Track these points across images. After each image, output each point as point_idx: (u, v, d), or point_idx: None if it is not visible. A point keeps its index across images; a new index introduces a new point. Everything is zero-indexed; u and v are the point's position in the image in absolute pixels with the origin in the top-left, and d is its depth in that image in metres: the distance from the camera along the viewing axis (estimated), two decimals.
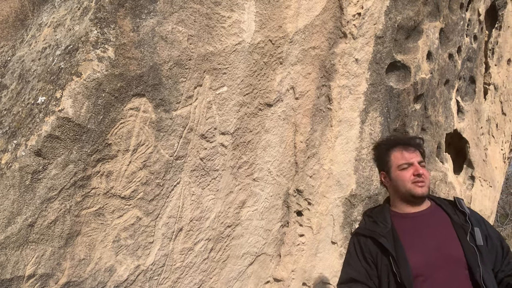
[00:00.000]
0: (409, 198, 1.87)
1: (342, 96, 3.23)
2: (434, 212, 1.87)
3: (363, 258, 1.85)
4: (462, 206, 1.86)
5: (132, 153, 2.08)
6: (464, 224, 1.79)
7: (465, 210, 1.84)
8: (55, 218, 1.88)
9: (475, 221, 1.81)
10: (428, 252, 1.74)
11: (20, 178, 1.79)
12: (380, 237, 1.82)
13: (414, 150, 1.91)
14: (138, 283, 2.25)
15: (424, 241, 1.78)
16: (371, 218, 1.94)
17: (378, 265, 1.81)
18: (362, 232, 1.90)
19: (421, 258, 1.74)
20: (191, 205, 2.43)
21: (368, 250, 1.84)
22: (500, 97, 6.24)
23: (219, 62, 2.37)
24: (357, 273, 1.82)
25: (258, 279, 3.04)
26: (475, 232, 1.76)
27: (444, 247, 1.75)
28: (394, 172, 1.91)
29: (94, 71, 1.87)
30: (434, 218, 1.84)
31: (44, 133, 1.80)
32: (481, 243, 1.74)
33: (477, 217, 1.88)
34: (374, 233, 1.85)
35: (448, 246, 1.75)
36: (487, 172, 5.62)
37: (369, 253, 1.83)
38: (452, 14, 4.27)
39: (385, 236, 1.82)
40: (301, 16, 2.75)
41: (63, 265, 1.94)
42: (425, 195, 1.86)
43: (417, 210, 1.87)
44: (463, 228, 1.78)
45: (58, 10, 2.31)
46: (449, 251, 1.74)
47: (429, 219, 1.84)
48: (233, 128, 2.54)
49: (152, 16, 2.06)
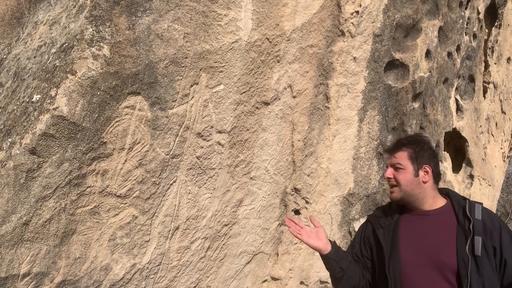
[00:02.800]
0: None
1: (340, 94, 3.22)
2: (443, 213, 1.82)
3: (363, 240, 1.98)
4: (471, 211, 1.76)
5: (128, 151, 2.08)
6: (467, 231, 1.72)
7: (471, 216, 1.74)
8: (50, 217, 1.88)
9: (480, 230, 1.70)
10: (420, 253, 1.74)
11: (14, 176, 1.78)
12: (378, 228, 1.89)
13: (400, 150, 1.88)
14: (134, 282, 2.24)
15: (420, 241, 1.78)
16: (385, 209, 1.99)
17: (372, 251, 1.92)
18: (370, 218, 2.00)
19: (412, 257, 1.75)
20: (188, 203, 2.42)
21: (368, 234, 1.96)
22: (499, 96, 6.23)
23: (215, 60, 2.36)
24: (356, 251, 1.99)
25: (255, 278, 3.04)
26: (475, 241, 1.68)
27: (438, 251, 1.72)
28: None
29: (89, 69, 1.87)
30: (440, 220, 1.81)
31: (38, 131, 1.79)
32: (478, 254, 1.66)
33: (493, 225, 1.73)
34: (376, 223, 1.92)
35: (442, 251, 1.72)
36: (486, 171, 5.61)
37: (367, 238, 1.96)
38: (451, 12, 4.26)
39: (384, 228, 1.88)
40: (299, 14, 2.74)
41: (58, 264, 1.94)
42: (396, 200, 1.87)
43: (427, 209, 1.84)
44: (465, 234, 1.71)
45: (54, 8, 2.30)
46: (441, 255, 1.71)
47: (435, 220, 1.81)
48: (230, 126, 2.53)
49: (148, 14, 2.05)
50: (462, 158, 5.31)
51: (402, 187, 1.84)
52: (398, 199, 1.86)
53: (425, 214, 1.84)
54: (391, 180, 1.87)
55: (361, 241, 1.99)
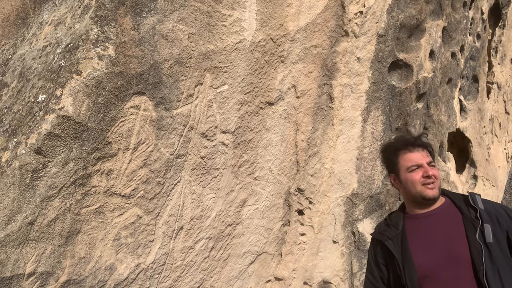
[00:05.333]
0: (420, 200, 1.83)
1: (344, 94, 3.21)
2: (446, 209, 1.82)
3: (376, 263, 1.90)
4: (474, 202, 1.78)
5: (133, 151, 2.08)
6: (474, 220, 1.72)
7: (476, 206, 1.76)
8: (55, 216, 1.88)
9: (487, 218, 1.72)
10: (434, 253, 1.73)
11: (20, 176, 1.79)
12: (386, 240, 1.84)
13: (422, 150, 1.87)
14: (139, 282, 2.25)
15: (431, 241, 1.76)
16: (386, 221, 1.95)
17: (388, 267, 1.85)
18: (375, 236, 1.94)
19: (426, 259, 1.73)
20: (192, 203, 2.42)
21: (380, 254, 1.89)
22: (503, 96, 6.21)
23: (220, 60, 2.37)
24: (374, 280, 1.89)
25: (259, 278, 3.04)
26: (485, 229, 1.68)
27: (450, 246, 1.71)
28: (403, 174, 1.88)
29: (94, 69, 1.87)
30: (444, 216, 1.80)
31: (44, 131, 1.80)
32: (490, 240, 1.66)
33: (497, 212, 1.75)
34: (383, 236, 1.87)
35: (454, 245, 1.71)
36: (490, 172, 5.59)
37: (381, 257, 1.88)
38: (455, 12, 4.25)
39: (393, 239, 1.83)
40: (303, 15, 2.74)
41: (63, 263, 1.94)
42: (436, 197, 1.81)
43: (427, 210, 1.83)
44: (473, 224, 1.71)
45: (59, 8, 2.31)
46: (455, 250, 1.70)
47: (440, 218, 1.80)
48: (234, 126, 2.54)
49: (152, 14, 2.06)
50: (466, 159, 5.29)
51: (438, 183, 1.82)
52: (438, 195, 1.82)
53: (429, 214, 1.83)
54: (433, 177, 1.81)
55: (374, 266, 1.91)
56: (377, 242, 1.92)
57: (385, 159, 2.01)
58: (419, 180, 1.82)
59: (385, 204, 3.73)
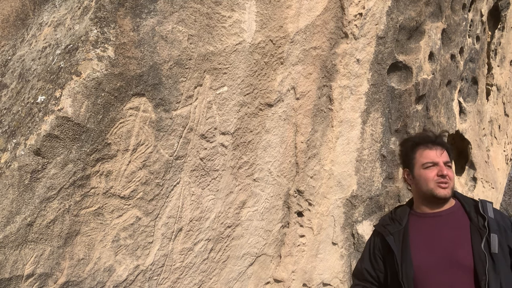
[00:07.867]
0: (431, 198, 1.81)
1: (343, 96, 3.21)
2: (454, 213, 1.81)
3: (372, 253, 1.93)
4: (484, 210, 1.75)
5: (132, 152, 2.08)
6: (482, 229, 1.70)
7: (486, 214, 1.73)
8: (54, 218, 1.88)
9: (495, 227, 1.70)
10: (434, 254, 1.72)
11: (19, 177, 1.79)
12: (388, 235, 1.85)
13: (441, 149, 1.85)
14: (138, 283, 2.24)
15: (433, 243, 1.75)
16: (391, 215, 1.95)
17: (385, 261, 1.87)
18: (377, 229, 1.95)
19: (425, 260, 1.72)
20: (191, 205, 2.42)
21: (378, 246, 1.91)
22: (502, 98, 6.22)
23: (219, 62, 2.37)
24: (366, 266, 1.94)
25: (258, 280, 3.03)
26: (491, 238, 1.66)
27: (452, 250, 1.70)
28: (417, 170, 1.86)
29: (93, 70, 1.87)
30: (452, 219, 1.79)
31: (43, 132, 1.80)
32: (495, 251, 1.64)
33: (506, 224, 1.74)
34: (385, 230, 1.88)
35: (456, 250, 1.69)
36: (489, 174, 5.59)
37: (378, 250, 1.91)
38: (455, 14, 4.26)
39: (394, 234, 1.83)
40: (302, 16, 2.74)
41: (62, 265, 1.94)
42: (447, 197, 1.79)
43: (436, 210, 1.82)
44: (480, 232, 1.70)
45: (59, 9, 2.31)
46: (457, 255, 1.68)
47: (447, 220, 1.79)
48: (233, 128, 2.54)
49: (152, 15, 2.06)
50: (465, 161, 5.30)
51: (451, 184, 1.80)
52: (449, 196, 1.80)
53: (437, 215, 1.81)
54: (447, 177, 1.79)
55: (370, 255, 1.94)
56: (378, 234, 1.93)
57: (402, 152, 1.98)
58: (432, 178, 1.80)
59: (385, 206, 3.73)
